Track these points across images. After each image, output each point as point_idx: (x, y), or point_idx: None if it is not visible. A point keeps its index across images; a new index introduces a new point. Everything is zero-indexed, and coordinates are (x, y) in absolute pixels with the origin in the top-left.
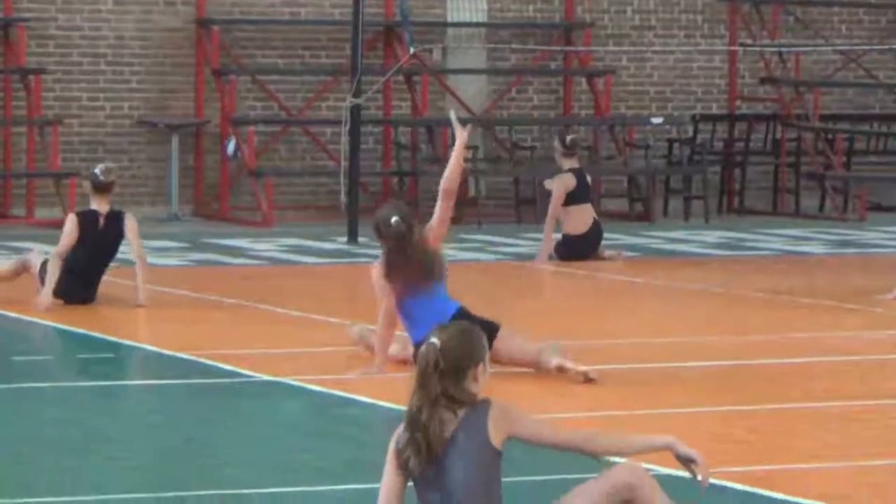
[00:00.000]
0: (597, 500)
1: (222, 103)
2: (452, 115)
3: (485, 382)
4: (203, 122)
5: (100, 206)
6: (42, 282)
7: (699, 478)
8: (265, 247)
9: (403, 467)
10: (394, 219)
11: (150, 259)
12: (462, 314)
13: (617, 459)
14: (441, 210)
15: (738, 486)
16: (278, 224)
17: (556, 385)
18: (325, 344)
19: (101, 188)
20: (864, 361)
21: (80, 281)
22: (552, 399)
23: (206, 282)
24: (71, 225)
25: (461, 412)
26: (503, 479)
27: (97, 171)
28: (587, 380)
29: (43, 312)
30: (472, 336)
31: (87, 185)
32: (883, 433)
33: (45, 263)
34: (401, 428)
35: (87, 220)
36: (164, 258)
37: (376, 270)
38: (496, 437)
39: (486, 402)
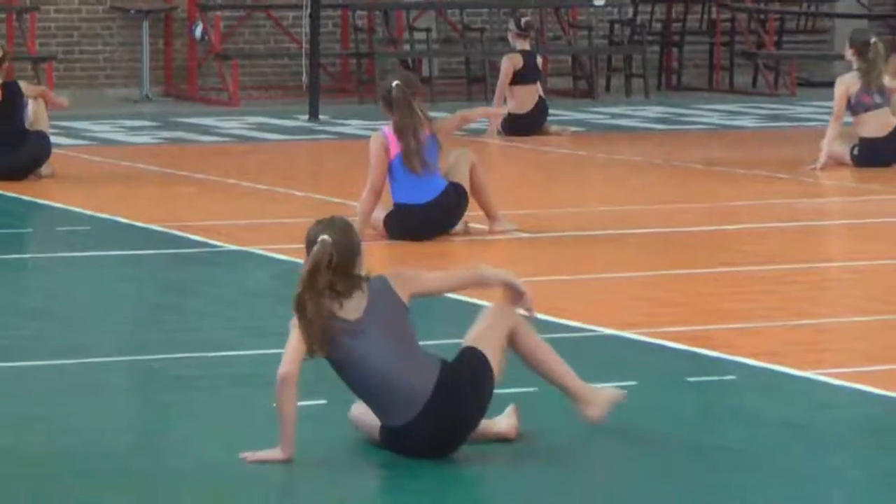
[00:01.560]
0: (500, 332)
1: None
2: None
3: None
4: (172, 8)
5: None
6: None
7: (530, 311)
8: (232, 125)
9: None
10: (395, 83)
11: (124, 137)
12: (454, 187)
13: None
14: (449, 123)
15: (677, 345)
16: (244, 103)
17: (503, 251)
18: (289, 215)
19: None
20: (794, 228)
21: (7, 150)
22: (500, 264)
23: (177, 158)
24: None
25: (362, 294)
26: None
27: None
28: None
29: None
30: (353, 229)
31: None
32: (810, 294)
33: None
34: None
35: None
36: (137, 136)
37: (376, 141)
38: (403, 298)
39: (381, 276)
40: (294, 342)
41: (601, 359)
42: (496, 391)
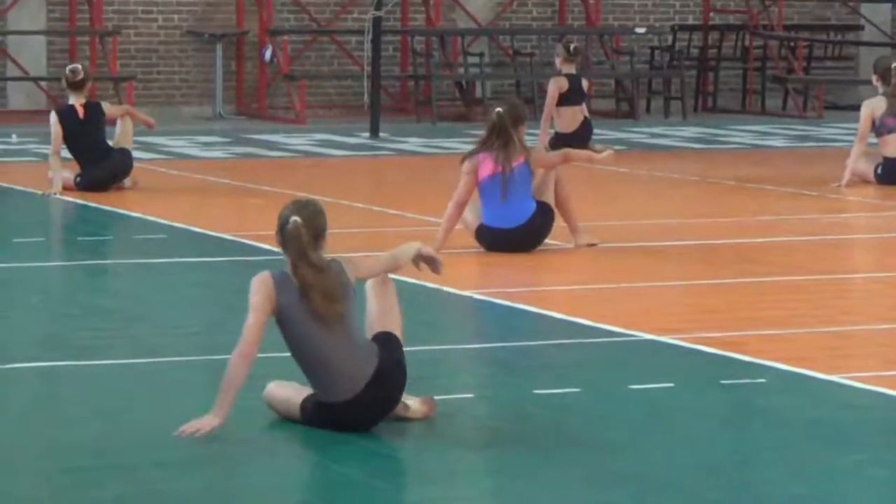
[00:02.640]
0: (397, 308)
1: (260, 15)
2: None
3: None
4: (243, 32)
5: (77, 100)
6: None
7: (438, 272)
8: (298, 141)
9: (313, 314)
10: (498, 109)
11: (198, 152)
12: (541, 209)
13: None
14: (552, 159)
15: (712, 350)
16: (309, 121)
17: (549, 261)
18: (350, 226)
19: (74, 86)
20: (822, 241)
21: (91, 166)
22: (548, 273)
23: (247, 172)
24: (53, 120)
25: (327, 270)
26: None
27: (67, 70)
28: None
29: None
30: (322, 209)
31: (63, 83)
32: (835, 303)
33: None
34: (266, 278)
35: (66, 114)
36: (210, 151)
37: (468, 161)
38: (353, 281)
39: (336, 260)
40: (256, 320)
41: (641, 362)
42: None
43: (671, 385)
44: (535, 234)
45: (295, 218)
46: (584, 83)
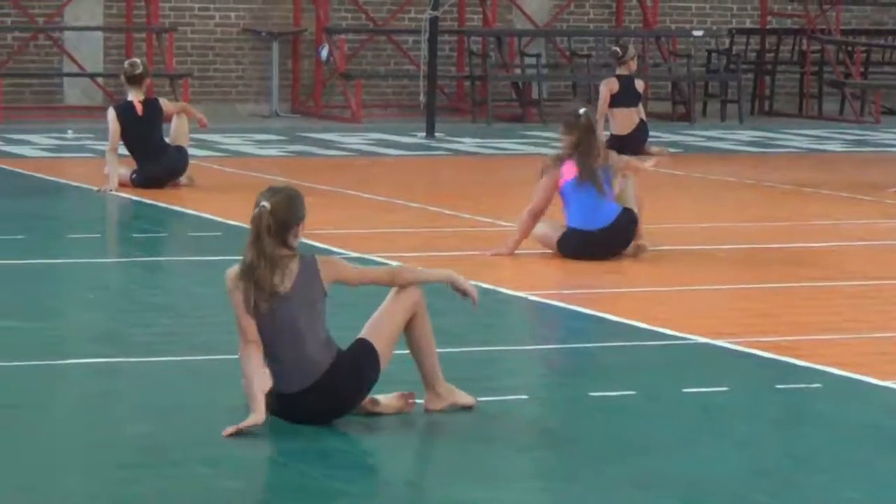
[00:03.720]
0: (399, 319)
1: (317, 14)
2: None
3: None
4: (300, 31)
5: (136, 96)
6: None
7: (475, 305)
8: (353, 140)
9: (251, 311)
10: (582, 110)
11: (253, 150)
12: (624, 214)
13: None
14: (619, 162)
15: (767, 354)
16: (365, 120)
17: (606, 264)
18: (405, 225)
19: (132, 80)
20: (877, 246)
21: (147, 162)
22: (604, 275)
23: (302, 170)
24: (111, 116)
25: (295, 266)
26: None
27: (126, 64)
28: None
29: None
30: (297, 200)
31: (122, 78)
32: (892, 308)
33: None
34: (230, 273)
35: (124, 110)
36: (265, 149)
37: (553, 170)
38: (326, 282)
39: (313, 256)
40: (238, 316)
41: (695, 366)
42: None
43: (725, 389)
44: (622, 234)
45: (264, 203)
46: (640, 85)
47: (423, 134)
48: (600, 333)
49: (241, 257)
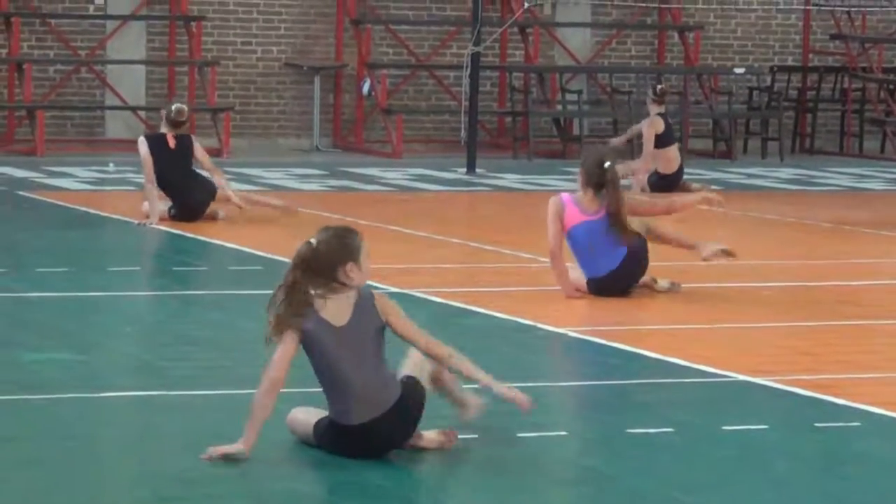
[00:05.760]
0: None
1: (359, 49)
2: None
3: (360, 277)
4: (342, 66)
5: (170, 132)
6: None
7: (522, 408)
8: (394, 175)
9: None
10: (608, 163)
11: (294, 184)
12: (632, 252)
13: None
14: (650, 208)
15: (806, 392)
16: (406, 155)
17: (646, 301)
18: (446, 261)
19: (174, 124)
20: None
21: (180, 195)
22: (644, 312)
23: (343, 205)
24: (144, 151)
25: (351, 300)
26: None
27: (173, 110)
28: None
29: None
30: (346, 239)
31: (163, 115)
32: None
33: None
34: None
35: (157, 141)
36: (306, 184)
37: (553, 205)
38: (382, 318)
39: (370, 291)
40: (286, 349)
41: (735, 403)
42: None
43: (765, 427)
44: (632, 274)
45: (312, 239)
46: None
47: (464, 169)
48: (638, 370)
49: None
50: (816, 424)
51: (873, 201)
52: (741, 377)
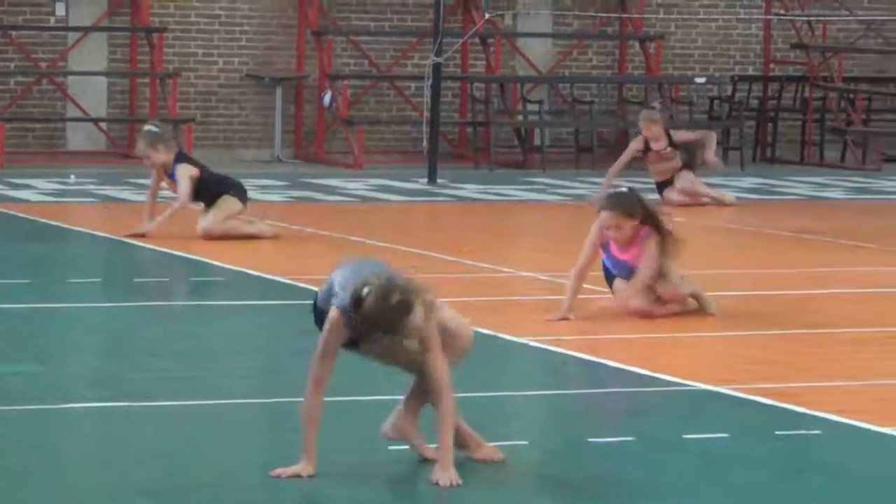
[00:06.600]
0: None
1: (320, 60)
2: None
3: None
4: (303, 77)
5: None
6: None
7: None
8: (355, 186)
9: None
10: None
11: (255, 195)
12: None
13: None
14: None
15: (767, 401)
16: (367, 166)
17: (606, 311)
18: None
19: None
20: (878, 293)
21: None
22: (602, 323)
23: (304, 216)
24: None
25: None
26: None
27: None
28: None
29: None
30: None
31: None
32: (892, 356)
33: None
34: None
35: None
36: (268, 195)
37: (596, 226)
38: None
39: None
40: (330, 346)
41: (696, 412)
42: None
43: (726, 435)
44: None
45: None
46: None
47: (426, 180)
48: (600, 379)
49: (245, 302)
50: (777, 433)
51: (834, 210)
52: (702, 386)
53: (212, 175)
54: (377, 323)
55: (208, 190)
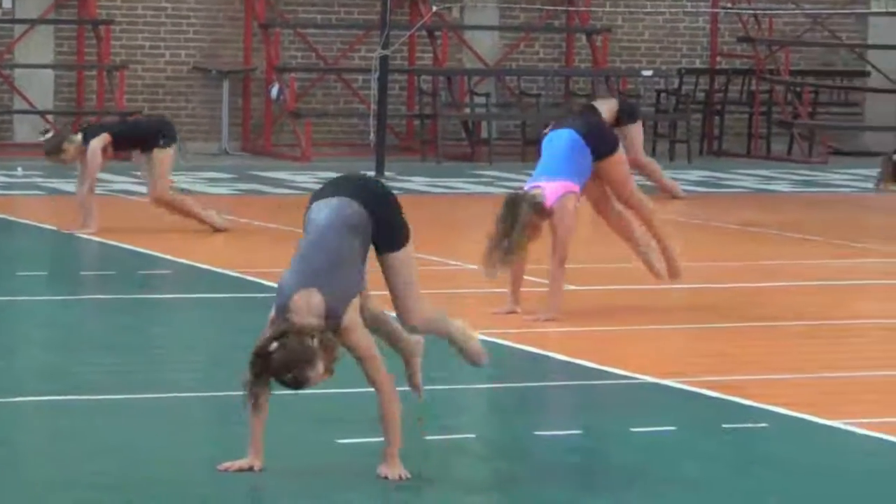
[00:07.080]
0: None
1: (267, 53)
2: None
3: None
4: (250, 69)
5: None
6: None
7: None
8: (303, 178)
9: None
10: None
11: (203, 188)
12: None
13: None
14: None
15: (714, 394)
16: (315, 159)
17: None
18: None
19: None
20: (824, 286)
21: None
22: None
23: (252, 209)
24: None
25: None
26: None
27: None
28: None
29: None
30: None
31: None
32: (839, 348)
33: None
34: None
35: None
36: (215, 187)
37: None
38: None
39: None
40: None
41: (643, 405)
42: None
43: (673, 428)
44: None
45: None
46: None
47: (373, 173)
48: (546, 372)
49: (193, 295)
50: (724, 425)
51: (780, 203)
52: (649, 379)
53: (124, 128)
54: (282, 379)
55: (129, 140)
